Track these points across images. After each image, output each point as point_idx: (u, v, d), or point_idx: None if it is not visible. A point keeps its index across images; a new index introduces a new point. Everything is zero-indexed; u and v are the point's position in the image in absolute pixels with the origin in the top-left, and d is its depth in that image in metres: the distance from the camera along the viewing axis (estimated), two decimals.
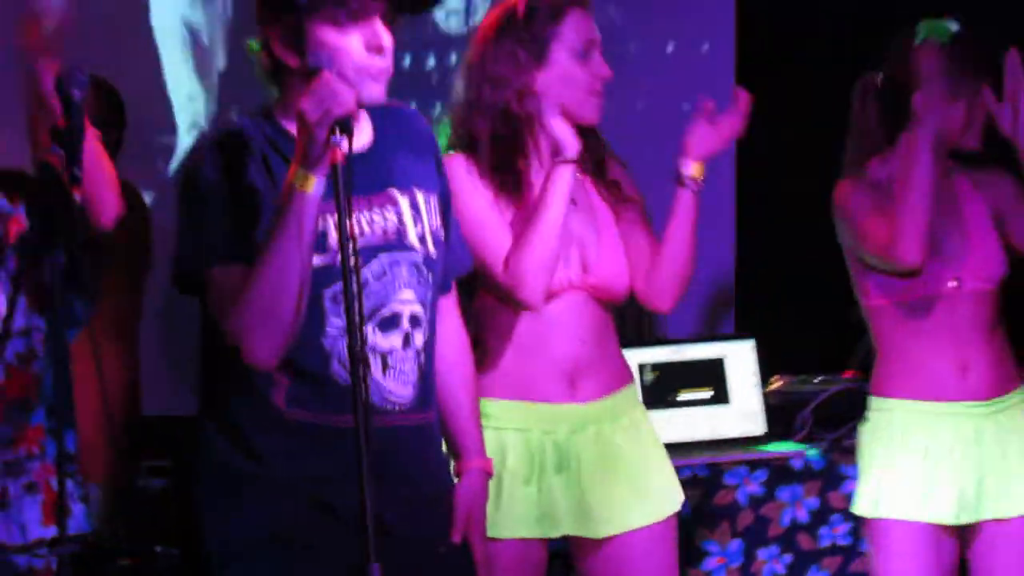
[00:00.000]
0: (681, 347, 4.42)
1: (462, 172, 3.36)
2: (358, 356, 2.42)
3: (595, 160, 3.51)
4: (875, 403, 3.74)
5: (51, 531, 3.18)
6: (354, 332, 2.41)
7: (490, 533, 3.19)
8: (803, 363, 4.88)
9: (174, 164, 6.09)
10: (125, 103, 5.14)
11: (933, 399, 3.64)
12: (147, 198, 5.40)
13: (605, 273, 3.50)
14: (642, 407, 3.74)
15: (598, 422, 3.49)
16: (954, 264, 3.61)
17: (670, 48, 6.47)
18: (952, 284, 3.60)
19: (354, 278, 2.42)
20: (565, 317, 3.48)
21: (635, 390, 3.77)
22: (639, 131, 5.60)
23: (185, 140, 6.08)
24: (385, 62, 2.69)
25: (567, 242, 3.42)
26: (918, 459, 3.64)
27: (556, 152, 3.27)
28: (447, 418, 3.03)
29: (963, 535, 3.65)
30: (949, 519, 3.54)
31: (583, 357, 3.49)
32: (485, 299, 3.47)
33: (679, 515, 3.58)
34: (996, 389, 3.65)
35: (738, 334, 4.98)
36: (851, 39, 5.74)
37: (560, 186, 3.24)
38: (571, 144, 3.24)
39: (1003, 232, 3.68)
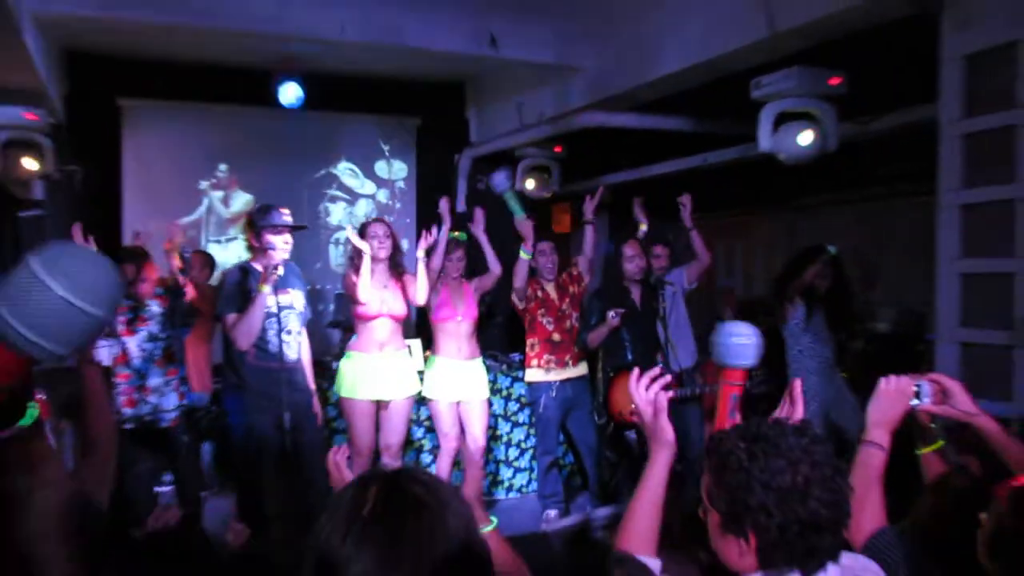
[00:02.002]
0: None
1: (351, 272, 5.06)
2: (280, 345, 4.59)
3: (396, 266, 5.20)
4: (430, 358, 5.58)
5: (177, 402, 5.07)
6: (276, 336, 4.59)
7: (351, 396, 5.12)
8: None
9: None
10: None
11: (447, 357, 5.54)
12: None
13: (397, 309, 5.20)
14: (408, 355, 5.38)
15: (388, 359, 5.17)
16: (458, 309, 5.50)
17: None
18: (459, 319, 5.49)
19: (279, 316, 4.57)
20: (381, 324, 5.15)
21: (407, 351, 5.37)
22: None
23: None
24: (289, 247, 4.65)
25: (384, 300, 5.12)
26: (443, 379, 5.49)
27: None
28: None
29: (458, 406, 5.51)
30: (452, 399, 5.46)
31: (386, 338, 5.18)
32: (356, 318, 5.21)
33: (412, 397, 5.30)
34: (470, 356, 5.56)
35: None
36: None
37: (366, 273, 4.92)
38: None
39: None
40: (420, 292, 5.16)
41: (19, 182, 6.16)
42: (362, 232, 5.12)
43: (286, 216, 4.72)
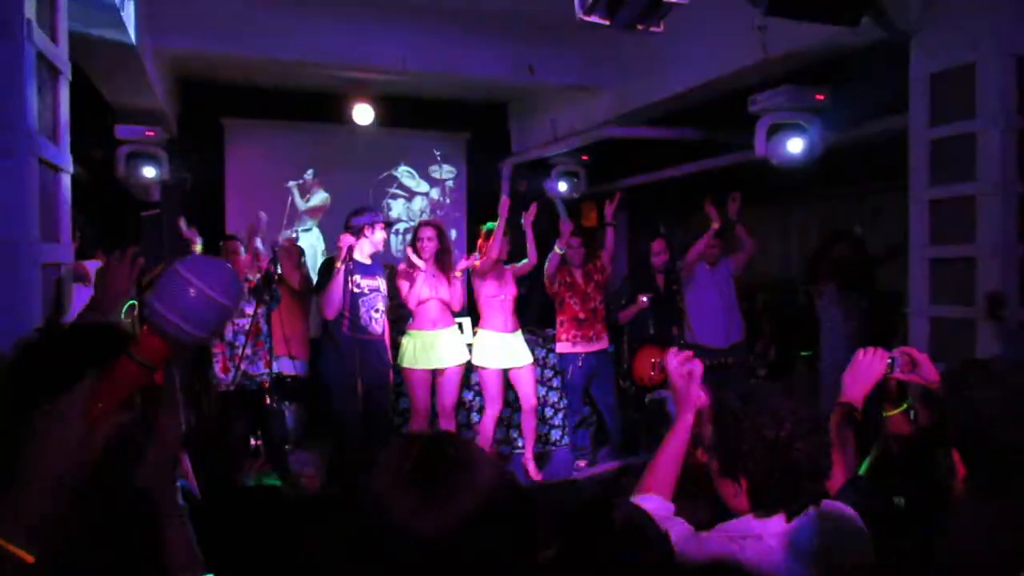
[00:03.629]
0: None
1: (404, 268, 5.05)
2: (369, 321, 4.72)
3: (444, 259, 5.07)
4: (478, 332, 5.41)
5: (263, 369, 4.99)
6: (366, 313, 4.67)
7: (412, 366, 5.05)
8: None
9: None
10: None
11: (494, 330, 5.34)
12: None
13: (446, 294, 5.12)
14: (458, 330, 5.30)
15: (441, 334, 5.11)
16: (502, 288, 5.30)
17: None
18: (501, 297, 5.34)
19: (369, 298, 4.69)
20: (432, 306, 5.09)
21: (457, 326, 5.30)
22: None
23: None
24: (383, 238, 4.79)
25: (436, 287, 5.06)
26: (490, 349, 5.31)
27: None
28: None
29: (506, 373, 5.33)
30: (500, 367, 5.27)
31: (438, 316, 5.12)
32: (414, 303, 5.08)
33: (463, 365, 5.20)
34: (513, 328, 5.35)
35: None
36: None
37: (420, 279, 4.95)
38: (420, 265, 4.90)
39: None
40: (456, 301, 5.18)
41: (140, 187, 6.26)
42: (415, 233, 5.11)
43: (380, 215, 4.97)
